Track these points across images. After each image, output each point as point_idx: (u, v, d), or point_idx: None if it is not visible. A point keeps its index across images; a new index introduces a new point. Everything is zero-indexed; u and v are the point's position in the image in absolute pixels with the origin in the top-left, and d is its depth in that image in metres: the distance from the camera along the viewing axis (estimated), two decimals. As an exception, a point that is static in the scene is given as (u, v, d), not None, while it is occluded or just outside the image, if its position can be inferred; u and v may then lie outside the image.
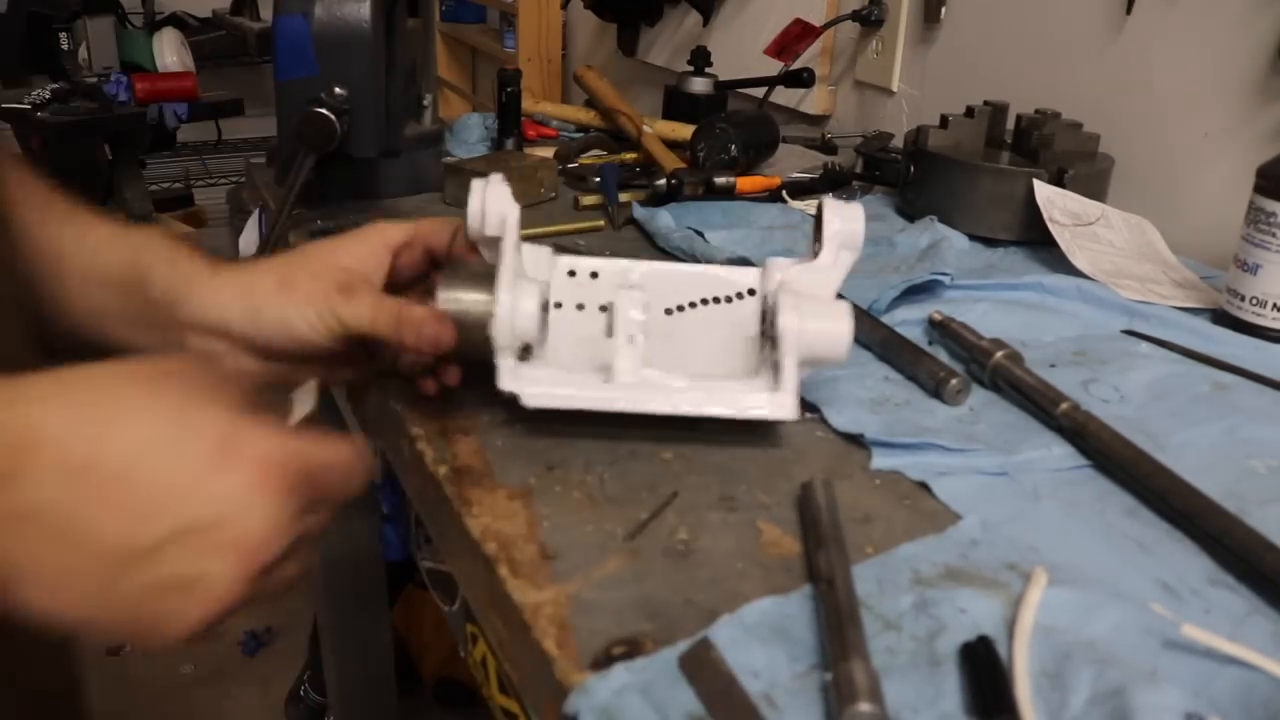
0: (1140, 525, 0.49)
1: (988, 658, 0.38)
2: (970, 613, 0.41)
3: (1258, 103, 0.87)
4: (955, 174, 0.91)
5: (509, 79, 1.17)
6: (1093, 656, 0.39)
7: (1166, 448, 0.55)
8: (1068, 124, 0.92)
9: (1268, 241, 0.69)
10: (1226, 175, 0.89)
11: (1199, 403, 0.61)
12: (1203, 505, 0.48)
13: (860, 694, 0.35)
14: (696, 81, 1.28)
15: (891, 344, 0.65)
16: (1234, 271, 0.72)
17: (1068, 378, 0.62)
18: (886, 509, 0.49)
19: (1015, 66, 1.11)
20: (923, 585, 0.43)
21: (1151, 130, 0.96)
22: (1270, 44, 0.85)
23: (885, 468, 0.53)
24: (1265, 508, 0.50)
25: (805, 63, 1.37)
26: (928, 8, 1.22)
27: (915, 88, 1.27)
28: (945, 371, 0.60)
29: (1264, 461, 0.55)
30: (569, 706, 0.36)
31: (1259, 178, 0.70)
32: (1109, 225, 0.87)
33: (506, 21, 2.33)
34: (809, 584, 0.43)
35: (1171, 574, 0.45)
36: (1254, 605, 0.43)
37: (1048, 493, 0.51)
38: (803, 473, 0.51)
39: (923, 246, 0.87)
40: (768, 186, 1.01)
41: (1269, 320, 0.70)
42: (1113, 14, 0.98)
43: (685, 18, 1.71)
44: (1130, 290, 0.77)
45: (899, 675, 0.38)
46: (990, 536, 0.47)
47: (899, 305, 0.73)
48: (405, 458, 0.56)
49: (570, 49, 2.25)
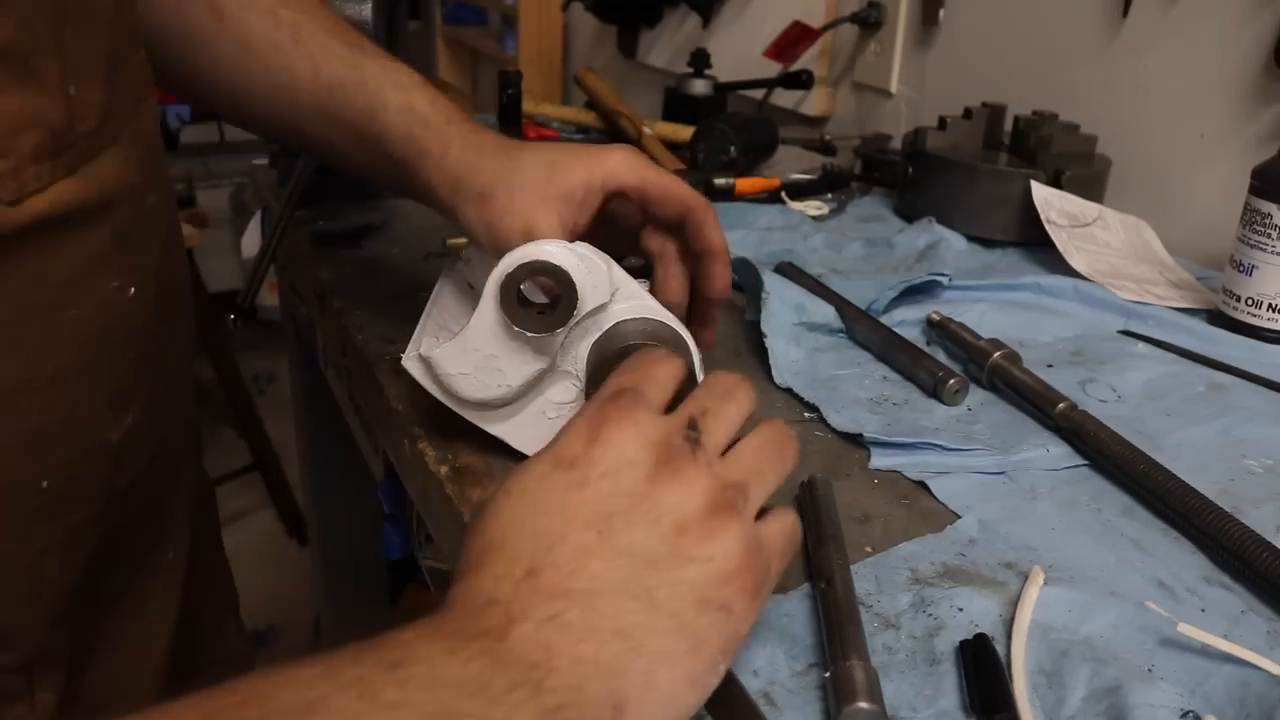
0: (1137, 524, 0.49)
1: (985, 656, 0.38)
2: (968, 611, 0.42)
3: (1254, 105, 0.87)
4: (953, 175, 0.91)
5: (510, 80, 1.17)
6: (1089, 654, 0.39)
7: (1163, 447, 0.55)
8: (1065, 125, 0.92)
9: (1263, 243, 0.70)
10: (1222, 176, 0.90)
11: (1195, 402, 0.62)
12: (1199, 504, 0.48)
13: (859, 692, 0.35)
14: (696, 83, 1.29)
15: (890, 344, 0.65)
16: (1230, 272, 0.73)
17: (1065, 378, 0.63)
18: (885, 508, 0.50)
19: (1013, 68, 1.11)
20: (921, 584, 0.44)
21: (1148, 132, 0.97)
22: (1266, 46, 0.85)
23: (884, 467, 0.53)
24: (1261, 507, 0.50)
25: (804, 64, 1.37)
26: (926, 10, 1.22)
27: (913, 89, 1.28)
28: (943, 371, 0.61)
29: (1259, 461, 0.55)
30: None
31: (1254, 179, 0.71)
32: (1106, 226, 0.87)
33: (507, 24, 2.33)
34: (808, 583, 0.43)
35: (1168, 572, 0.45)
36: (1249, 603, 0.44)
37: (1045, 492, 0.52)
38: (802, 472, 0.51)
39: (921, 247, 0.87)
40: (767, 188, 1.01)
41: (1264, 321, 0.71)
42: (1110, 16, 0.99)
43: (685, 20, 1.71)
44: (1127, 291, 0.77)
45: (897, 674, 0.38)
46: (988, 535, 0.47)
47: (897, 305, 0.73)
48: (406, 457, 0.56)
49: (570, 51, 2.25)
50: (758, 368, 0.64)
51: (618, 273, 0.48)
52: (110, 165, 0.39)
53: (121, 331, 0.42)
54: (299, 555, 2.18)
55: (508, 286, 0.45)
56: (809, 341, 0.67)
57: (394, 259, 0.82)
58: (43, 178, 0.36)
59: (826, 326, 0.68)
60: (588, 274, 0.45)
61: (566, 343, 0.47)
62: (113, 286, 0.41)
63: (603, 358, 0.46)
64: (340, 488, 1.32)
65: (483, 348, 0.47)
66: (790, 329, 0.66)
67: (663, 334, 0.47)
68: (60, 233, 0.37)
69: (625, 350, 0.46)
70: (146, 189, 0.43)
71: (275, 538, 2.27)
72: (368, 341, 0.66)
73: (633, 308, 0.48)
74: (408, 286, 0.75)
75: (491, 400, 0.48)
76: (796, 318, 0.67)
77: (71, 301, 0.39)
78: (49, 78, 0.35)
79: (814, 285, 0.73)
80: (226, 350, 2.03)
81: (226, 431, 2.31)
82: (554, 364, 0.48)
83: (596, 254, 0.48)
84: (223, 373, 2.01)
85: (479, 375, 0.47)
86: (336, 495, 1.33)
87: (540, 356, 0.47)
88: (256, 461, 2.15)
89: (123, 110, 0.41)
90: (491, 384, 0.47)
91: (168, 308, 0.47)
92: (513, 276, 0.45)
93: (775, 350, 0.64)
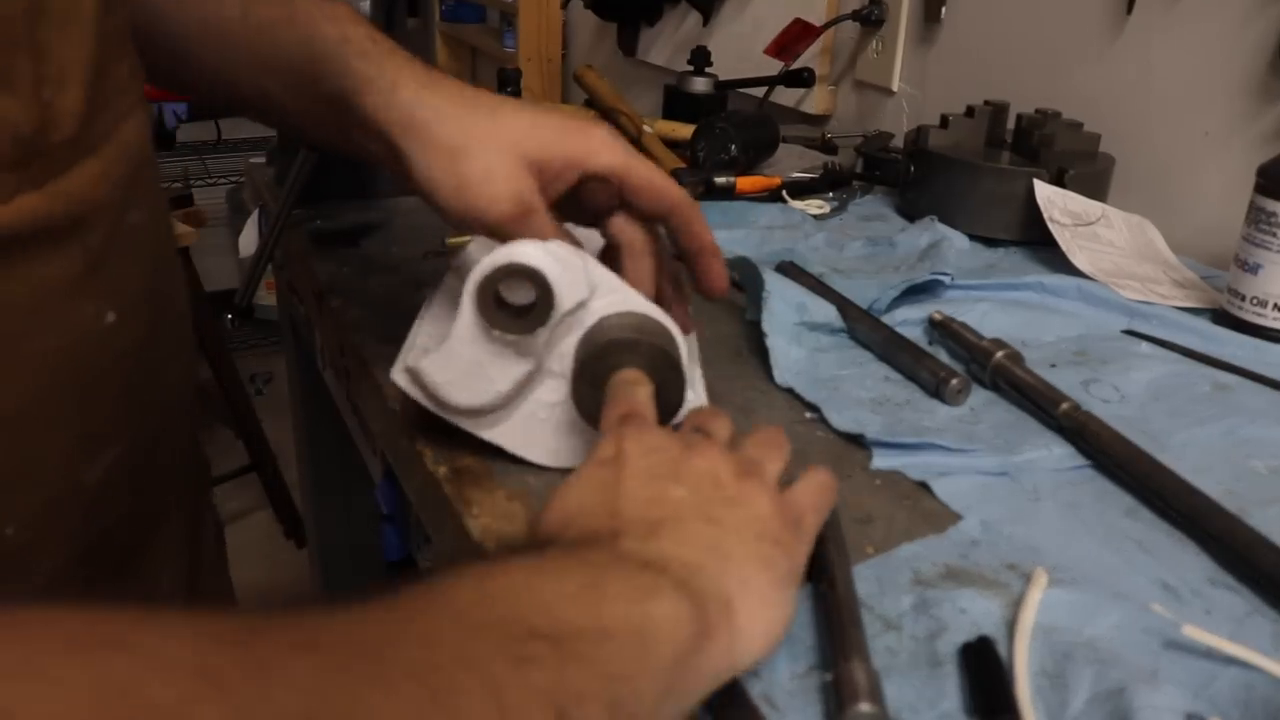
0: (1141, 525, 0.49)
1: (988, 658, 0.38)
2: (970, 613, 0.41)
3: (1258, 102, 0.87)
4: (955, 174, 0.91)
5: (509, 79, 1.17)
6: (1093, 657, 0.38)
7: (1167, 448, 0.55)
8: (1068, 124, 0.92)
9: (1268, 241, 0.69)
10: (1227, 175, 0.89)
11: (1199, 403, 0.61)
12: (1203, 505, 0.48)
13: (861, 694, 0.35)
14: (696, 81, 1.28)
15: (892, 344, 0.65)
16: (1234, 271, 0.72)
17: (1068, 378, 0.62)
18: (887, 509, 0.49)
19: (1015, 66, 1.11)
20: (923, 585, 0.43)
21: (1152, 130, 0.96)
22: (1270, 44, 0.85)
23: (886, 467, 0.53)
24: (1266, 508, 0.50)
25: (805, 62, 1.37)
26: (928, 7, 1.22)
27: (915, 87, 1.27)
28: (945, 371, 0.60)
29: (1264, 461, 0.55)
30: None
31: (1259, 177, 0.70)
32: (1109, 225, 0.87)
33: (506, 21, 2.33)
34: (809, 584, 0.43)
35: (1172, 574, 0.45)
36: (1254, 605, 0.43)
37: (1048, 493, 0.51)
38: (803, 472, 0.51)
39: (923, 246, 0.87)
40: (768, 186, 1.01)
41: (1270, 320, 0.70)
42: (1113, 14, 0.98)
43: (685, 17, 1.71)
44: (1131, 290, 0.77)
45: (899, 675, 0.38)
46: (990, 537, 0.47)
47: (899, 305, 0.73)
48: (405, 457, 0.56)
49: (570, 49, 2.25)
50: (759, 368, 0.64)
51: (595, 268, 0.48)
52: (84, 180, 0.36)
53: (100, 362, 0.39)
54: (296, 556, 2.17)
55: (484, 290, 0.45)
56: (810, 341, 0.66)
57: (392, 258, 0.81)
58: (4, 189, 0.33)
59: (828, 326, 0.68)
60: (563, 273, 0.46)
61: (551, 342, 0.48)
62: (88, 313, 0.38)
63: (588, 354, 0.47)
64: (338, 488, 1.31)
65: (467, 354, 0.47)
66: (791, 328, 0.66)
67: (647, 326, 0.47)
68: (22, 252, 0.34)
69: (609, 345, 0.46)
70: (126, 206, 0.40)
71: (273, 539, 2.26)
72: (366, 341, 0.65)
73: (613, 302, 0.48)
74: (406, 285, 0.75)
75: (482, 406, 0.48)
76: (798, 317, 0.67)
77: (37, 329, 0.36)
78: (19, 79, 0.32)
79: (815, 284, 0.73)
80: (224, 350, 2.02)
81: (224, 432, 2.30)
82: (540, 365, 0.48)
83: (573, 251, 0.47)
84: (220, 373, 2.01)
85: (467, 382, 0.47)
86: (334, 496, 1.32)
87: (525, 359, 0.47)
88: (254, 462, 2.15)
89: (105, 120, 0.38)
90: (480, 390, 0.47)
91: (159, 334, 0.44)
92: (489, 279, 0.45)
93: (776, 350, 0.63)
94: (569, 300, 0.46)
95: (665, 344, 0.47)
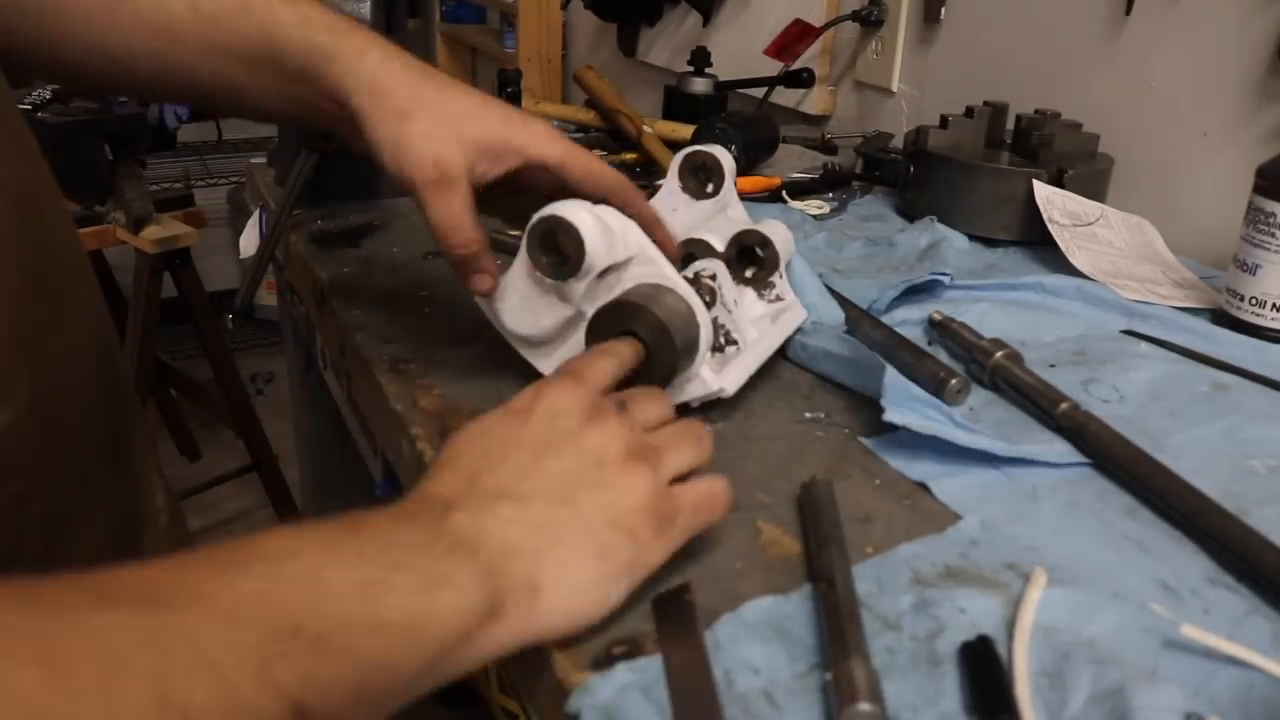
0: (1140, 525, 0.49)
1: (987, 658, 0.38)
2: (970, 612, 0.41)
3: (1257, 103, 0.87)
4: (955, 174, 0.91)
5: (509, 79, 1.17)
6: (1092, 656, 0.39)
7: (1166, 447, 0.55)
8: (1067, 124, 0.92)
9: (1267, 242, 0.69)
10: (1226, 175, 0.90)
11: (1198, 403, 0.61)
12: (1202, 505, 0.48)
13: (860, 693, 0.35)
14: (696, 81, 1.28)
15: (891, 344, 0.65)
16: (1233, 272, 0.72)
17: (1067, 378, 0.62)
18: (886, 509, 0.49)
19: (1015, 67, 1.11)
20: (922, 585, 0.43)
21: (1151, 130, 0.96)
22: (1269, 44, 0.85)
23: (897, 422, 0.52)
24: (1264, 507, 0.50)
25: (805, 63, 1.37)
26: (927, 8, 1.22)
27: (915, 88, 1.27)
28: (945, 371, 0.60)
29: (1263, 461, 0.55)
30: (571, 705, 0.36)
31: (1258, 178, 0.71)
32: (1108, 225, 0.87)
33: (506, 22, 2.33)
34: (809, 584, 0.43)
35: (1171, 574, 0.45)
36: (1253, 605, 0.43)
37: (1047, 493, 0.51)
38: (803, 472, 0.51)
39: (922, 246, 0.87)
40: (767, 187, 1.01)
41: (1268, 320, 0.70)
42: (1112, 14, 0.99)
43: (685, 18, 1.71)
44: (1130, 290, 0.77)
45: (899, 675, 0.38)
46: (990, 536, 0.47)
47: (899, 305, 0.73)
48: (405, 457, 0.56)
49: (570, 49, 2.25)
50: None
51: (638, 237, 0.53)
52: None
53: None
54: (298, 555, 2.17)
55: (531, 236, 0.52)
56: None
57: (393, 258, 0.81)
58: None
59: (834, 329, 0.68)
60: (601, 234, 0.51)
61: (593, 295, 0.53)
62: None
63: (599, 311, 0.52)
64: (339, 488, 1.31)
65: (520, 289, 0.55)
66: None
67: (661, 298, 0.52)
68: None
69: (615, 305, 0.52)
70: None
71: (274, 538, 2.26)
72: (366, 341, 0.65)
73: (648, 273, 0.53)
74: (406, 286, 0.75)
75: (529, 336, 0.56)
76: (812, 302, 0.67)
77: None
78: None
79: (815, 284, 0.73)
80: (224, 350, 2.02)
81: (224, 432, 2.30)
82: (581, 313, 0.54)
83: (620, 219, 0.53)
84: (221, 373, 2.01)
85: (518, 313, 0.56)
86: (335, 495, 1.32)
87: (565, 304, 0.54)
88: (255, 462, 2.15)
89: None
90: (528, 321, 0.56)
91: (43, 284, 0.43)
92: (534, 227, 0.52)
93: None
94: (603, 260, 0.51)
95: (671, 317, 0.51)
